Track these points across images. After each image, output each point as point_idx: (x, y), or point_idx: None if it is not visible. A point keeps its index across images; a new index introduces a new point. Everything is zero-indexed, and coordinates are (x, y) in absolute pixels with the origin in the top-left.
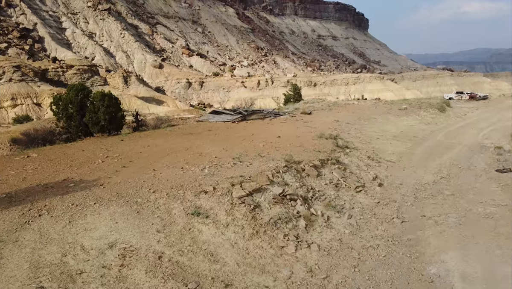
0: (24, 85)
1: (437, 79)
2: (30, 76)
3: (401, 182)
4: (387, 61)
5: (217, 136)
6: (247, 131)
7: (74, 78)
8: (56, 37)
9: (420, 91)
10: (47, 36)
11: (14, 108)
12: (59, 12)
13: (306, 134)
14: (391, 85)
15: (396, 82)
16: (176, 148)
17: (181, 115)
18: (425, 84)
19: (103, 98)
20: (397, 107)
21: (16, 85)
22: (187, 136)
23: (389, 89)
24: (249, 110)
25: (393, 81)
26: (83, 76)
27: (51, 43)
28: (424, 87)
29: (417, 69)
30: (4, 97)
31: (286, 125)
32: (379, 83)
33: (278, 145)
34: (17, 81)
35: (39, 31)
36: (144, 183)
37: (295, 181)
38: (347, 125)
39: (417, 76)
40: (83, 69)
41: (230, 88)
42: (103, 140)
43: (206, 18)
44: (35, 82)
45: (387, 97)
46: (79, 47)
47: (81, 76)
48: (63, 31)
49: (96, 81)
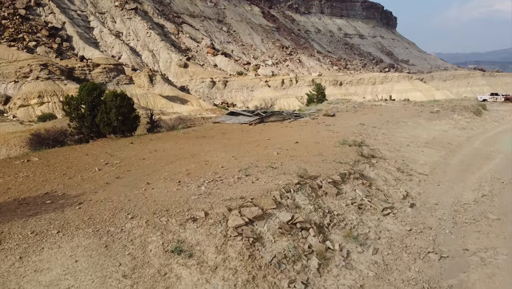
0: (51, 83)
1: (468, 80)
2: (57, 74)
3: (436, 201)
4: (416, 60)
5: (229, 141)
6: (262, 135)
7: (100, 76)
8: (84, 36)
9: (450, 92)
10: (75, 35)
11: (41, 106)
12: (87, 11)
13: (327, 140)
14: (420, 85)
15: (425, 82)
16: (183, 154)
17: (204, 115)
18: (455, 85)
19: (115, 98)
20: (428, 109)
21: (43, 83)
22: (199, 140)
23: (418, 89)
24: (268, 112)
25: (422, 81)
26: (109, 75)
27: (79, 42)
28: (454, 88)
29: (447, 68)
30: (31, 95)
31: (305, 129)
32: (407, 83)
33: (294, 152)
34: (44, 79)
35: (67, 30)
36: (127, 204)
37: (308, 202)
38: (373, 130)
39: (447, 76)
40: (109, 68)
41: (254, 88)
42: (112, 143)
43: (231, 17)
44: (62, 80)
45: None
46: (106, 46)
47: (107, 74)
48: (91, 30)
49: (121, 80)
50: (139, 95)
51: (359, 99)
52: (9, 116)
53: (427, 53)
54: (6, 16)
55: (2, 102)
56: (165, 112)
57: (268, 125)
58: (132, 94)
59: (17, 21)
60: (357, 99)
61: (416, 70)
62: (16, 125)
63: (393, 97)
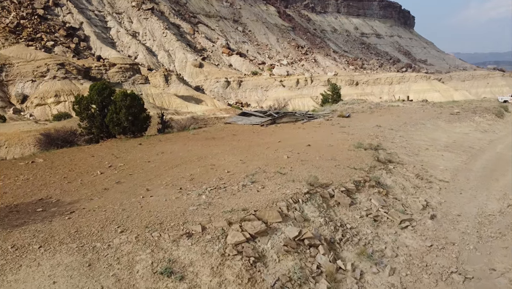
0: (68, 83)
1: (488, 80)
2: (74, 74)
3: (459, 212)
4: (434, 60)
5: (239, 143)
6: (273, 137)
7: (116, 76)
8: (101, 36)
9: (469, 92)
10: (92, 35)
11: (57, 105)
12: (104, 12)
13: (340, 142)
14: (438, 86)
15: (443, 82)
16: (190, 156)
17: (217, 115)
18: (474, 85)
19: (125, 98)
20: (448, 111)
21: (59, 83)
22: (208, 142)
23: (435, 89)
24: (281, 112)
25: (440, 81)
26: (124, 74)
27: (96, 42)
28: (473, 88)
29: (466, 68)
30: (48, 94)
31: (319, 130)
32: (425, 83)
33: (306, 156)
34: (61, 79)
35: (85, 30)
36: (120, 214)
37: (318, 214)
38: (390, 132)
39: (466, 76)
40: (125, 68)
41: (268, 88)
42: (120, 144)
43: (247, 17)
44: (78, 79)
45: (433, 98)
46: (122, 46)
47: (123, 74)
48: (108, 30)
49: (137, 80)
50: (154, 95)
51: (375, 99)
52: (26, 115)
53: (446, 53)
54: (25, 16)
55: (20, 101)
56: (179, 112)
57: (280, 126)
58: (147, 94)
59: (36, 21)
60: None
61: (434, 70)
62: (31, 124)
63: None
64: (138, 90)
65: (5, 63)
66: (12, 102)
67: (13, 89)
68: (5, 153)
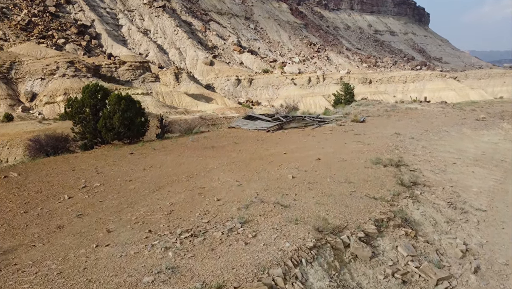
0: (77, 81)
1: (504, 79)
2: (83, 72)
3: (505, 260)
4: (449, 58)
5: (240, 155)
6: (279, 148)
7: (126, 74)
8: (113, 33)
9: (485, 91)
10: (104, 33)
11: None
12: (116, 9)
13: (355, 156)
14: (454, 84)
15: (458, 80)
16: (179, 173)
17: (227, 114)
18: (491, 84)
19: (119, 102)
20: (471, 116)
21: (69, 81)
22: (206, 152)
23: (451, 88)
24: (289, 116)
25: (456, 79)
26: (134, 72)
27: (107, 40)
28: (489, 87)
29: (482, 67)
30: (57, 92)
31: (330, 139)
32: (440, 81)
33: (315, 176)
34: (70, 77)
35: (96, 28)
36: (50, 283)
37: (329, 281)
38: (411, 142)
39: (482, 74)
40: (135, 66)
41: (279, 86)
42: (110, 153)
43: (258, 14)
44: (88, 78)
45: (449, 97)
46: (134, 44)
47: (133, 72)
48: (119, 28)
49: (147, 78)
50: (164, 93)
51: (389, 98)
52: (35, 113)
53: (461, 51)
54: (36, 14)
55: (29, 100)
56: (189, 110)
57: (287, 133)
58: (157, 92)
59: (47, 19)
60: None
61: (449, 68)
62: (34, 124)
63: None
64: (148, 89)
65: (15, 60)
66: (21, 101)
67: (23, 87)
68: (6, 154)
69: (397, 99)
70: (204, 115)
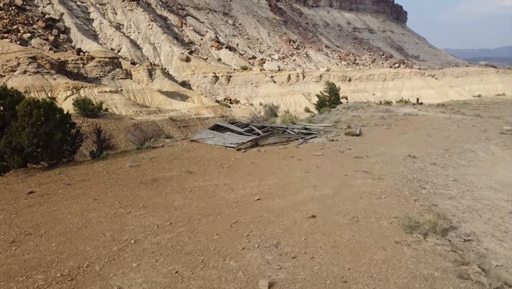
0: (39, 78)
1: (481, 77)
2: (47, 68)
3: None
4: (427, 56)
5: (189, 202)
6: (250, 184)
7: (94, 71)
8: (83, 28)
9: (463, 89)
10: (73, 27)
11: None
12: (87, 3)
13: (370, 207)
14: (433, 82)
15: (436, 78)
16: (64, 258)
17: (202, 114)
18: (468, 82)
19: (29, 113)
20: (492, 127)
21: (30, 78)
22: (137, 195)
23: (430, 86)
24: (267, 126)
25: (434, 77)
26: (104, 69)
27: (77, 34)
28: (467, 85)
29: (458, 65)
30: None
31: (323, 166)
32: (419, 79)
33: (309, 274)
34: (32, 74)
35: (65, 22)
36: None
37: None
38: (435, 170)
39: (460, 72)
40: (104, 62)
41: (259, 84)
42: (3, 190)
43: (237, 9)
44: (51, 74)
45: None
46: (105, 39)
47: (102, 69)
48: (90, 22)
49: (117, 74)
50: (135, 91)
51: (369, 96)
52: None
53: (438, 49)
54: (2, 7)
55: None
56: (162, 109)
57: (264, 153)
58: (128, 90)
59: (13, 12)
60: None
61: (427, 66)
62: None
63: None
64: (118, 86)
65: None
66: None
67: None
68: None
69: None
70: (176, 115)
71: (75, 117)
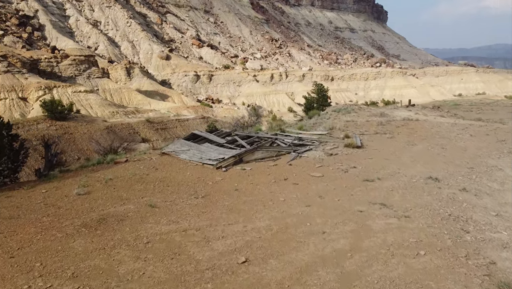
0: (10, 77)
1: (462, 76)
2: (18, 67)
3: None
4: (407, 55)
5: (141, 267)
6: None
7: (69, 69)
8: (58, 25)
9: (443, 88)
10: (48, 24)
11: None
12: None
13: (411, 278)
14: (414, 82)
15: (417, 77)
16: None
17: (182, 115)
18: (448, 81)
19: None
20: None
21: (0, 77)
22: (73, 248)
23: (412, 85)
24: (253, 137)
25: (415, 76)
26: (79, 67)
27: (51, 32)
28: (447, 84)
29: (438, 64)
30: None
31: (326, 195)
32: (401, 79)
33: None
34: (2, 73)
35: (40, 19)
36: None
37: None
38: (468, 199)
39: (440, 72)
40: (79, 60)
41: (241, 83)
42: None
43: (218, 7)
44: (23, 74)
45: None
46: (82, 36)
47: (77, 67)
48: (66, 19)
49: (93, 73)
50: (112, 90)
51: (351, 95)
52: None
53: (418, 48)
54: None
55: None
56: (140, 109)
57: (251, 173)
58: (104, 90)
59: None
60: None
61: (408, 65)
62: None
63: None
64: (93, 85)
65: None
66: None
67: None
68: None
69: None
70: (155, 116)
71: (42, 120)
